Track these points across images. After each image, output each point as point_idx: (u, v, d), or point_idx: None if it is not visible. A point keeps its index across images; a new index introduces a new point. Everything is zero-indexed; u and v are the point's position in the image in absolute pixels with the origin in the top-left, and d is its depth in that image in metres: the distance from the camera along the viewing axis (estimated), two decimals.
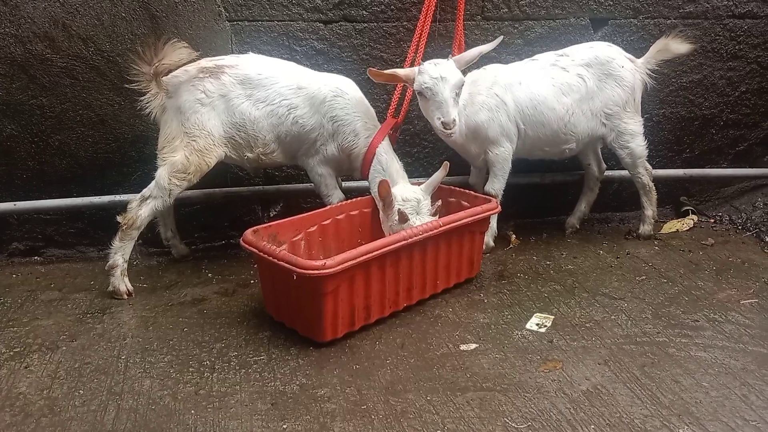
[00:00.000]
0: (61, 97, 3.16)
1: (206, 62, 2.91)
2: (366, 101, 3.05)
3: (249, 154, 2.98)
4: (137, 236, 2.91)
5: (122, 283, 2.92)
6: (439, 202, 2.95)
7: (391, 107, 3.16)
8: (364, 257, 2.50)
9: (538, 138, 3.19)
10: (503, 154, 3.17)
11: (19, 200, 3.23)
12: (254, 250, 2.59)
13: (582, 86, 3.19)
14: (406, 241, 2.64)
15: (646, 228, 3.52)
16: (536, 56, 3.26)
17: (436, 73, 2.80)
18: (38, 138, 3.21)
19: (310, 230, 2.90)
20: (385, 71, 2.91)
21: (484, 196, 3.12)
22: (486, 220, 3.07)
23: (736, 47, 3.72)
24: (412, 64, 3.15)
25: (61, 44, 3.07)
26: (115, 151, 3.29)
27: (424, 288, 2.85)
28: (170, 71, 2.84)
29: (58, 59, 3.09)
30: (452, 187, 3.19)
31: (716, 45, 3.68)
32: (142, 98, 2.83)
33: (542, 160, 3.42)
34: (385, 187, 2.81)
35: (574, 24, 3.53)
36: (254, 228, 2.71)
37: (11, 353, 2.50)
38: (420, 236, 2.68)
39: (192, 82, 2.86)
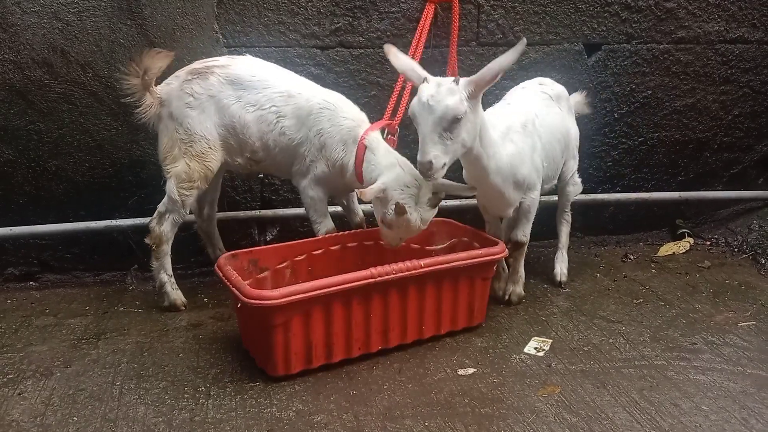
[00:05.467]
0: (59, 123, 3.17)
1: (197, 64, 2.87)
2: (361, 113, 2.90)
3: (239, 160, 2.91)
4: (169, 250, 2.91)
5: (177, 296, 2.98)
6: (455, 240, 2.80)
7: (387, 111, 3.06)
8: (320, 291, 2.34)
9: (547, 176, 2.99)
10: (537, 197, 2.89)
11: (15, 225, 3.21)
12: (219, 272, 2.52)
13: (564, 118, 3.11)
14: (374, 279, 2.43)
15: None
16: (522, 84, 3.16)
17: (425, 98, 2.33)
18: (35, 163, 3.21)
19: (297, 259, 2.77)
20: (401, 58, 2.59)
21: (494, 239, 2.82)
22: (490, 265, 2.72)
23: (728, 71, 3.76)
24: (402, 88, 3.08)
25: (60, 70, 3.09)
26: (112, 176, 3.29)
27: (404, 332, 2.61)
28: (158, 78, 2.82)
29: (56, 85, 3.11)
30: (466, 227, 2.94)
31: (708, 69, 3.72)
32: (138, 109, 2.79)
33: None
34: (369, 193, 2.55)
35: (569, 49, 3.57)
36: (233, 252, 2.65)
37: (4, 380, 2.47)
38: (392, 276, 2.46)
39: (181, 87, 2.82)
